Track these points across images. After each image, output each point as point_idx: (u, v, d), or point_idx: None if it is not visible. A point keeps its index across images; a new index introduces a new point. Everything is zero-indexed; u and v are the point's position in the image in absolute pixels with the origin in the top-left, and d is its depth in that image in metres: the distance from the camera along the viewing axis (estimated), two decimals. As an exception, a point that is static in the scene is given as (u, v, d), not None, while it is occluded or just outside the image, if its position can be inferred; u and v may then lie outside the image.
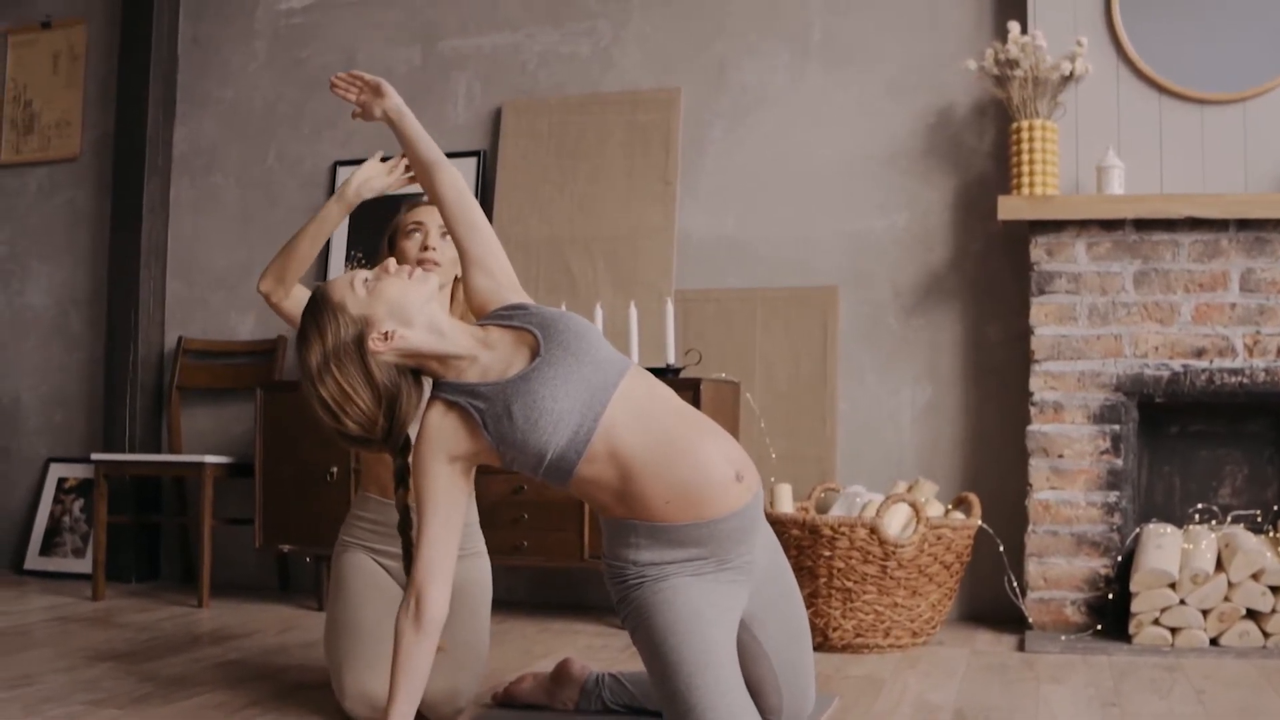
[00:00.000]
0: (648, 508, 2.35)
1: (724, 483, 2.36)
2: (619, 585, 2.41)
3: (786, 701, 2.59)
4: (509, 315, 2.43)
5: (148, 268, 5.30)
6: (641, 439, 2.33)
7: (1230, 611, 3.71)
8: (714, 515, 2.35)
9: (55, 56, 5.62)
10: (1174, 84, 4.17)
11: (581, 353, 2.35)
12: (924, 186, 4.49)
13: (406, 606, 2.34)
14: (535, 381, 2.32)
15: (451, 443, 2.36)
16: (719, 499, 2.35)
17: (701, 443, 2.36)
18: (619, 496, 2.37)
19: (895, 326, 4.49)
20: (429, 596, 2.34)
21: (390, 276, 2.41)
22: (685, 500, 2.33)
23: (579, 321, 2.43)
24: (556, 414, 2.31)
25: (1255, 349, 3.97)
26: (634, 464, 2.33)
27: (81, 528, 5.40)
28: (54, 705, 2.97)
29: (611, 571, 2.43)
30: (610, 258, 4.69)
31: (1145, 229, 4.05)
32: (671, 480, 2.32)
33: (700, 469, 2.33)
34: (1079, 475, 4.04)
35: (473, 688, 2.88)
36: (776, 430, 4.48)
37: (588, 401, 2.32)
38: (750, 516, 2.41)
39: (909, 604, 3.76)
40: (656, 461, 2.32)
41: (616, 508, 2.39)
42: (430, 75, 5.09)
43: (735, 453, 2.41)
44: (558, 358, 2.34)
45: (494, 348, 2.39)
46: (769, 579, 2.50)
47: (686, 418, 2.40)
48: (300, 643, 3.90)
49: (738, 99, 4.72)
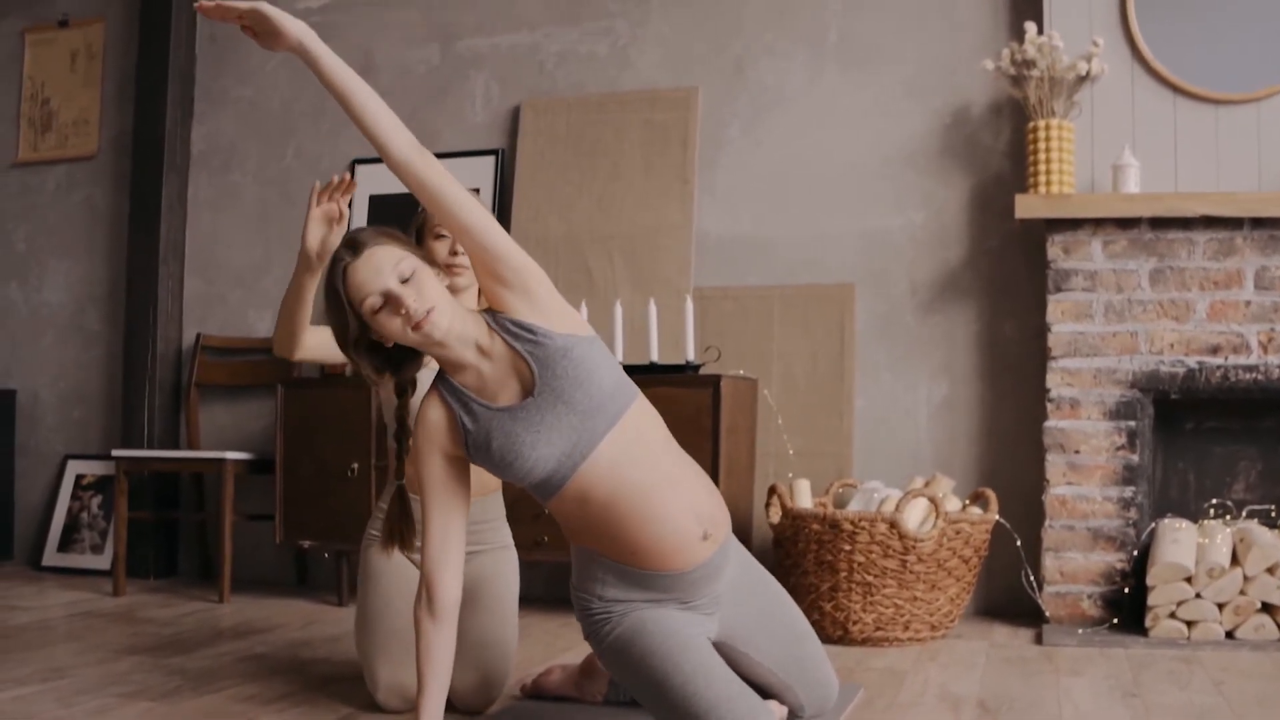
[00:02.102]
0: (613, 550, 2.41)
1: (690, 541, 2.40)
2: (587, 621, 2.48)
3: (804, 697, 2.65)
4: (516, 334, 2.36)
5: (166, 265, 5.34)
6: (613, 493, 2.35)
7: (1246, 605, 3.75)
8: (677, 569, 2.41)
9: (73, 55, 5.65)
10: (1188, 84, 4.20)
11: (575, 402, 2.33)
12: (940, 186, 4.53)
13: (420, 598, 2.41)
14: (520, 423, 2.34)
15: (441, 440, 2.41)
16: (683, 555, 2.40)
17: (674, 499, 2.38)
18: (586, 532, 2.43)
19: (912, 324, 4.53)
20: (439, 584, 2.40)
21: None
22: (648, 553, 2.39)
23: (583, 364, 2.34)
24: (533, 460, 2.34)
25: (1270, 346, 4.01)
26: (602, 514, 2.37)
27: (99, 524, 5.43)
28: (87, 698, 3.01)
29: (579, 603, 2.49)
30: (629, 256, 4.73)
31: (1161, 227, 4.09)
32: (637, 535, 2.37)
33: (666, 526, 2.37)
34: (1095, 470, 4.08)
35: (503, 679, 2.92)
36: (794, 427, 4.52)
37: (568, 451, 2.34)
38: (715, 565, 2.46)
39: (928, 598, 3.80)
40: (624, 515, 2.36)
41: (583, 538, 2.44)
42: (448, 75, 5.13)
43: (707, 507, 2.43)
44: (548, 404, 2.33)
45: (494, 360, 2.37)
46: (741, 599, 2.55)
47: (663, 470, 2.40)
48: (324, 637, 3.94)
49: (755, 99, 4.75)
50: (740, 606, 2.55)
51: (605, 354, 2.41)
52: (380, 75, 5.20)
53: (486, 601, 2.99)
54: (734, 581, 2.54)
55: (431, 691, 2.41)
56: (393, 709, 2.89)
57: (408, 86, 5.17)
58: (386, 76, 5.20)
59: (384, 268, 2.31)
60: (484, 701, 2.89)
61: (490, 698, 2.90)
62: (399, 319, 2.29)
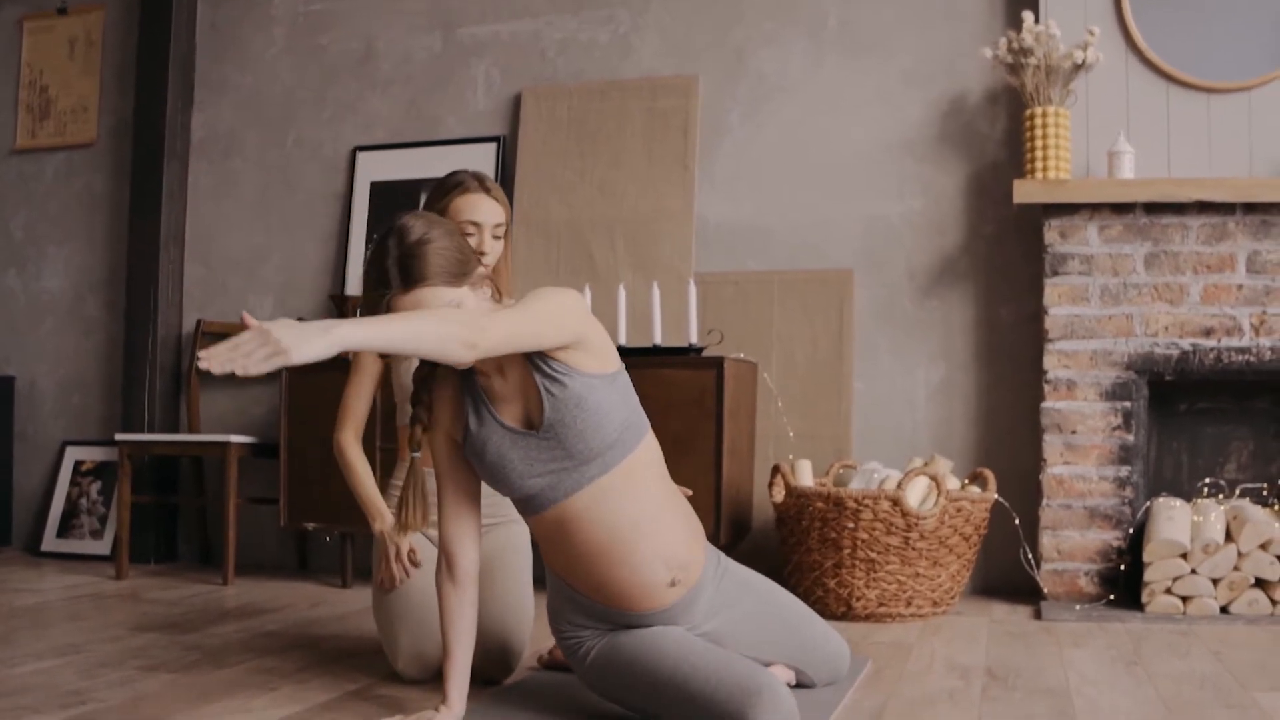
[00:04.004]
0: (582, 583, 2.46)
1: (657, 588, 2.43)
2: (564, 645, 2.54)
3: (813, 673, 2.74)
4: (539, 366, 2.36)
5: (166, 251, 5.37)
6: (588, 531, 2.38)
7: (1240, 580, 3.83)
8: (642, 610, 2.45)
9: (72, 42, 5.68)
10: (1182, 73, 4.29)
11: (575, 452, 2.36)
12: (938, 172, 4.60)
13: (440, 568, 2.49)
14: (518, 450, 2.38)
15: (446, 423, 2.48)
16: (648, 600, 2.44)
17: (646, 546, 2.39)
18: (559, 557, 2.46)
19: (910, 308, 4.60)
20: (459, 553, 2.48)
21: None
22: (613, 594, 2.43)
23: (594, 414, 2.35)
24: (520, 486, 2.40)
25: (1262, 328, 4.09)
26: (575, 546, 2.41)
27: (99, 510, 5.46)
28: (109, 670, 3.04)
29: (554, 628, 2.56)
30: (630, 241, 4.78)
31: (1155, 212, 4.17)
32: (604, 575, 2.41)
33: (636, 573, 2.40)
34: (1091, 450, 4.16)
35: (520, 649, 2.96)
36: (793, 409, 4.58)
37: (553, 485, 2.38)
38: (683, 606, 2.49)
39: (930, 574, 3.87)
40: (594, 554, 2.39)
41: (556, 564, 2.48)
42: (450, 62, 5.17)
43: (680, 555, 2.45)
44: (548, 445, 2.36)
45: (506, 378, 2.40)
46: (721, 611, 2.58)
47: (647, 513, 2.40)
48: (333, 616, 3.98)
49: (755, 87, 4.82)
50: (721, 617, 2.58)
51: (624, 390, 2.43)
52: (382, 63, 5.25)
53: (502, 573, 3.03)
54: (710, 604, 2.56)
55: (457, 656, 2.47)
56: (412, 677, 2.93)
57: (410, 74, 5.22)
58: (388, 64, 5.24)
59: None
60: (502, 671, 2.94)
61: (509, 668, 2.94)
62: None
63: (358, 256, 5.13)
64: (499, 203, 3.08)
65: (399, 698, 2.77)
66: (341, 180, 5.27)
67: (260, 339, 1.90)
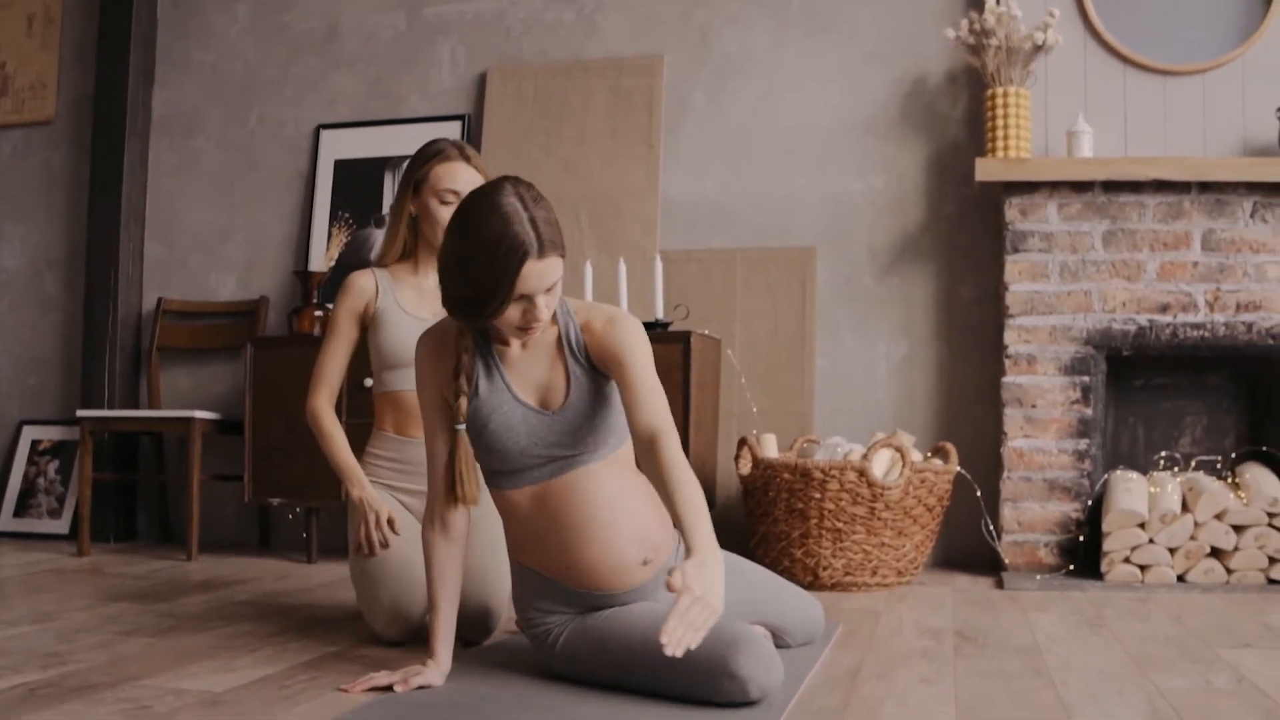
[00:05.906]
0: (550, 566, 2.47)
1: (630, 566, 2.45)
2: (531, 635, 2.54)
3: (789, 632, 2.79)
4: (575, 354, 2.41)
5: (127, 229, 5.33)
6: (567, 509, 2.41)
7: (1196, 549, 3.92)
8: (610, 589, 2.47)
9: (30, 19, 5.63)
10: (1138, 56, 4.39)
11: (581, 438, 2.40)
12: (900, 151, 4.67)
13: (431, 523, 2.49)
14: (527, 424, 2.41)
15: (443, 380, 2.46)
16: (619, 577, 2.45)
17: (625, 524, 2.42)
18: (527, 539, 2.47)
19: (871, 285, 4.67)
20: (450, 510, 2.48)
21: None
22: (584, 573, 2.44)
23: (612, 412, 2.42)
24: (516, 458, 2.42)
25: (1216, 305, 4.19)
26: (551, 523, 2.43)
27: (57, 489, 5.42)
28: (86, 635, 3.04)
29: (522, 619, 2.56)
30: (595, 218, 4.82)
31: (1113, 190, 4.26)
32: (576, 555, 2.42)
33: (609, 552, 2.41)
34: (1051, 424, 4.24)
35: (500, 610, 2.99)
36: (757, 385, 4.64)
37: (548, 464, 2.41)
38: (652, 587, 2.51)
39: (895, 544, 3.93)
40: (570, 532, 2.41)
41: (523, 549, 2.49)
42: (415, 40, 5.18)
43: (653, 536, 2.47)
44: (559, 428, 2.40)
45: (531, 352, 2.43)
46: None
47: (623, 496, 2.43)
48: (302, 588, 3.98)
49: (719, 66, 4.86)
50: None
51: None
52: (346, 41, 5.25)
53: (483, 535, 3.05)
54: None
55: (444, 611, 2.49)
56: (392, 638, 2.94)
57: (374, 52, 5.22)
58: (353, 42, 5.24)
59: (549, 278, 2.26)
60: (482, 633, 2.96)
61: (488, 630, 2.97)
62: (519, 316, 2.29)
63: (321, 234, 5.12)
64: (479, 171, 3.10)
65: (380, 658, 2.78)
66: (305, 158, 5.26)
67: (704, 607, 2.01)
